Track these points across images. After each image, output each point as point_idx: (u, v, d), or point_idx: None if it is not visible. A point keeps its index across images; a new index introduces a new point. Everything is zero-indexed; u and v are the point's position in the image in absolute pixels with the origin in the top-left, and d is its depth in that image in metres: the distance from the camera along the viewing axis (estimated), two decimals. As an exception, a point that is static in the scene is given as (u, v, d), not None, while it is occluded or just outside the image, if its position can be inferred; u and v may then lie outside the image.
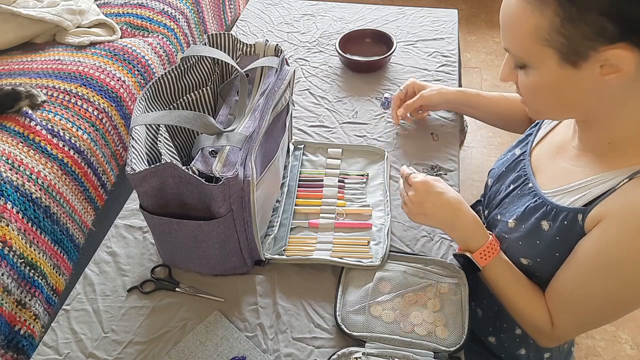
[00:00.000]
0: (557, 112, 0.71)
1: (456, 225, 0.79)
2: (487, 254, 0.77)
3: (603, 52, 0.58)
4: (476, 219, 0.80)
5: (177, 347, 0.75)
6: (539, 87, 0.66)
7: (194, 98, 0.89)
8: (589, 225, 0.68)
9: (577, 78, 0.62)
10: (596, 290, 0.69)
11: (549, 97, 0.67)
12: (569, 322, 0.74)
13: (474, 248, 0.78)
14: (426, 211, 0.80)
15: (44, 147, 1.14)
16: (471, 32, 2.84)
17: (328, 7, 1.56)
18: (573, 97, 0.65)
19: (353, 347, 0.72)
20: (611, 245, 0.65)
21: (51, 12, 1.45)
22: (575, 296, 0.71)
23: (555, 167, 0.77)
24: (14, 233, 0.98)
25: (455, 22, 1.46)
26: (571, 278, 0.72)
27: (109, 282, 0.84)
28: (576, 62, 0.60)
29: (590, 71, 0.60)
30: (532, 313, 0.77)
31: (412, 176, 0.81)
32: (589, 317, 0.73)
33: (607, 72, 0.60)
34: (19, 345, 0.95)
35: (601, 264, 0.67)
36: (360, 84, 1.24)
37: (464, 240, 0.79)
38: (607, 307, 0.70)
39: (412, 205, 0.81)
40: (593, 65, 0.60)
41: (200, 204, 0.73)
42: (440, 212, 0.79)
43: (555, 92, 0.66)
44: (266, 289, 0.82)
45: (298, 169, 1.00)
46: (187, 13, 1.72)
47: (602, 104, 0.65)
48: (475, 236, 0.78)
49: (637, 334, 1.55)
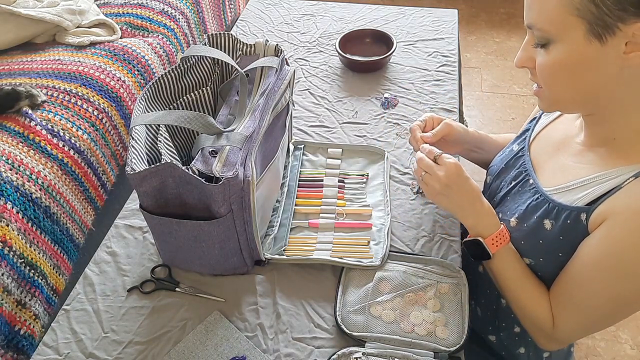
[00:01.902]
0: (572, 99, 0.69)
1: (473, 212, 0.79)
2: (498, 240, 0.77)
3: (631, 25, 0.57)
4: (492, 209, 0.80)
5: (177, 347, 0.75)
6: (560, 66, 0.65)
7: (194, 98, 0.89)
8: (593, 224, 0.67)
9: (600, 56, 0.61)
10: (600, 290, 0.68)
11: (568, 79, 0.66)
12: (570, 322, 0.74)
13: (485, 235, 0.78)
14: (450, 193, 0.79)
15: (44, 147, 1.14)
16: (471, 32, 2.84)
17: (328, 7, 1.56)
18: (592, 78, 0.64)
19: (353, 347, 0.72)
20: (616, 244, 0.64)
21: (51, 12, 1.45)
22: (579, 296, 0.71)
23: (557, 163, 0.77)
24: (14, 233, 0.98)
25: (455, 22, 1.46)
26: (575, 277, 0.71)
27: (109, 282, 0.84)
28: (602, 36, 0.59)
29: (615, 49, 0.60)
30: (534, 309, 0.77)
31: (444, 155, 0.80)
32: (592, 318, 0.72)
33: (632, 50, 0.59)
34: (19, 345, 0.95)
35: (606, 263, 0.66)
36: (360, 84, 1.24)
37: (477, 227, 0.79)
38: (611, 307, 0.70)
39: (439, 184, 0.79)
40: (619, 42, 0.59)
41: (200, 204, 0.73)
42: (462, 198, 0.79)
43: (575, 71, 0.64)
44: (266, 289, 0.82)
45: (298, 169, 1.00)
46: (187, 13, 1.72)
47: (618, 90, 0.64)
48: (488, 224, 0.78)
49: (637, 334, 1.55)
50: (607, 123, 0.69)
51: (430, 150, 0.82)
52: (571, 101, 0.70)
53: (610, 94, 0.65)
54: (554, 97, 0.70)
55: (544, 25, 0.63)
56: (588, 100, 0.68)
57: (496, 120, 2.32)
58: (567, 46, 0.63)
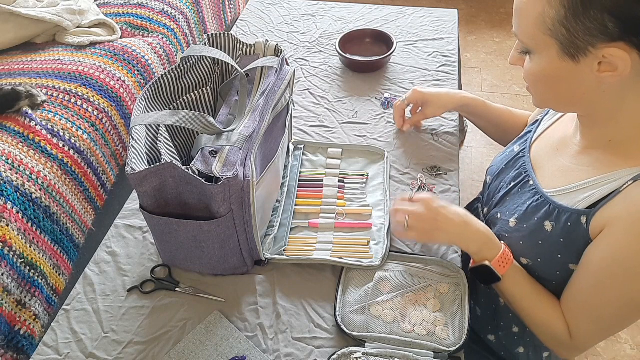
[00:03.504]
0: (557, 103, 0.72)
1: (471, 237, 0.78)
2: (504, 261, 0.76)
3: (601, 50, 0.59)
4: (486, 227, 0.79)
5: (177, 347, 0.75)
6: (539, 76, 0.68)
7: (194, 98, 0.89)
8: (594, 229, 0.67)
9: (574, 72, 0.63)
10: (612, 296, 0.68)
11: (548, 87, 0.69)
12: (587, 330, 0.73)
13: (490, 257, 0.76)
14: (440, 226, 0.77)
15: (44, 147, 1.14)
16: (471, 32, 2.84)
17: (328, 7, 1.56)
18: (570, 90, 0.66)
19: (353, 347, 0.72)
20: (622, 251, 0.65)
21: (51, 12, 1.45)
22: (592, 304, 0.71)
23: (556, 164, 0.77)
24: (14, 233, 0.98)
25: (455, 22, 1.46)
26: (585, 287, 0.71)
27: (109, 282, 0.84)
28: (575, 56, 0.62)
29: (588, 67, 0.62)
30: (550, 324, 0.76)
31: (415, 196, 0.81)
32: (607, 324, 0.72)
33: (604, 70, 0.61)
34: (19, 345, 0.95)
35: (614, 270, 0.66)
36: (360, 84, 1.24)
37: (479, 250, 0.77)
38: (625, 312, 0.69)
39: (425, 223, 0.78)
40: (591, 62, 0.61)
41: (200, 204, 0.73)
42: (453, 224, 0.77)
43: (553, 82, 0.67)
44: (266, 289, 0.82)
45: (298, 169, 1.00)
46: (187, 13, 1.72)
47: (601, 101, 0.66)
48: (489, 245, 0.77)
49: (637, 334, 1.55)
50: (601, 126, 0.70)
51: (402, 198, 0.83)
52: (558, 103, 0.73)
53: (594, 102, 0.66)
54: (541, 98, 0.73)
55: (523, 38, 0.66)
56: (573, 105, 0.71)
57: (496, 120, 2.31)
58: (543, 60, 0.65)
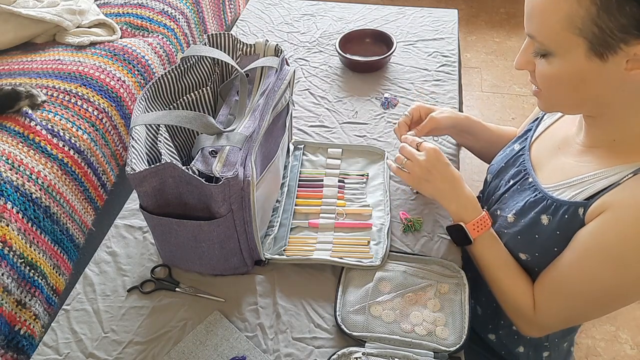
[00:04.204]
0: (571, 105, 0.70)
1: (455, 197, 0.82)
2: (480, 226, 0.80)
3: (634, 46, 0.57)
4: (473, 195, 0.82)
5: (177, 347, 0.75)
6: (560, 78, 0.65)
7: (194, 98, 0.89)
8: (589, 217, 0.68)
9: (601, 71, 0.61)
10: (588, 278, 0.69)
11: (568, 89, 0.66)
12: (552, 307, 0.74)
13: (467, 220, 0.80)
14: (431, 178, 0.81)
15: (44, 147, 1.14)
16: (471, 32, 2.84)
17: (328, 7, 1.56)
18: (592, 90, 0.64)
19: (353, 347, 0.72)
20: (608, 235, 0.65)
21: (51, 12, 1.45)
22: (566, 282, 0.71)
23: (557, 162, 0.77)
24: (14, 233, 0.98)
25: (455, 22, 1.46)
26: (564, 264, 0.72)
27: (109, 282, 0.84)
28: (604, 55, 0.60)
29: (616, 65, 0.60)
30: (515, 293, 0.78)
31: (424, 143, 0.83)
32: (575, 305, 0.73)
33: (633, 67, 0.59)
34: (19, 345, 0.95)
35: (596, 253, 0.67)
36: (360, 84, 1.24)
37: (459, 212, 0.81)
38: (596, 297, 0.70)
39: (420, 170, 0.82)
40: (620, 59, 0.59)
41: (200, 204, 0.73)
42: (443, 183, 0.81)
43: (575, 83, 0.64)
44: (266, 289, 0.82)
45: (298, 169, 1.00)
46: (187, 13, 1.72)
47: (619, 99, 0.65)
48: (470, 209, 0.81)
49: (637, 334, 1.55)
50: (607, 125, 0.70)
51: (413, 140, 0.85)
52: (570, 106, 0.71)
53: (610, 101, 0.66)
54: (553, 102, 0.71)
55: (544, 40, 0.63)
56: (587, 106, 0.69)
57: (496, 120, 2.32)
58: (567, 61, 0.63)
